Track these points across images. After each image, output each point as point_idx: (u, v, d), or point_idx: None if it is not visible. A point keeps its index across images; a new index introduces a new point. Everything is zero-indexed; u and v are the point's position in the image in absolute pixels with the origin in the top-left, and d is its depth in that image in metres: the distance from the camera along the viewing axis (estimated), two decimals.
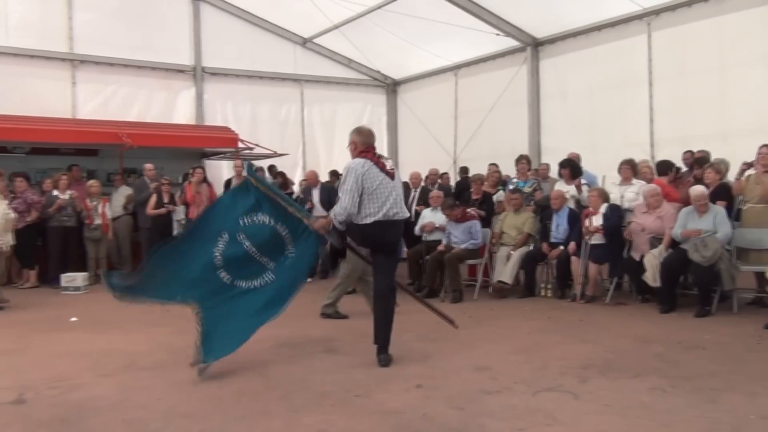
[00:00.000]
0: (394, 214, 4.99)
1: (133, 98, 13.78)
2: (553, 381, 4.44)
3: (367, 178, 4.91)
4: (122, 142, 10.75)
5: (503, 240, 8.48)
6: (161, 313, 7.17)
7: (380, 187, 4.93)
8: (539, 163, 10.37)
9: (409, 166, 13.75)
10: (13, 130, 10.53)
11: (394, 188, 5.03)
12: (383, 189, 4.95)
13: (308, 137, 15.71)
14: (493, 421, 3.67)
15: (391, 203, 4.96)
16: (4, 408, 3.98)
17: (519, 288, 8.35)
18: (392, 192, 4.99)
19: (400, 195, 5.12)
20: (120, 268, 10.56)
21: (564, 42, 12.12)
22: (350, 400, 4.08)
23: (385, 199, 4.94)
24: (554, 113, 12.35)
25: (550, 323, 6.57)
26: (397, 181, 5.11)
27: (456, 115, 14.60)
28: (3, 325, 6.60)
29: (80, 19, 13.21)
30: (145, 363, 5.08)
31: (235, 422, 3.70)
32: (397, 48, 14.13)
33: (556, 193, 8.30)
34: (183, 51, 14.34)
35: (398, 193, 5.08)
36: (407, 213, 5.31)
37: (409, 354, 5.24)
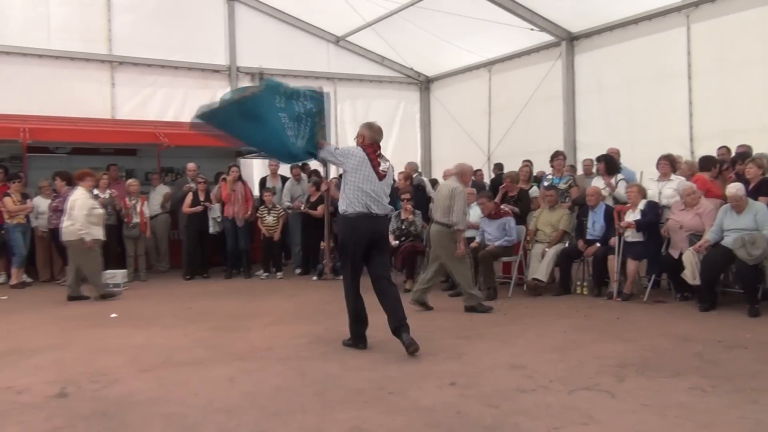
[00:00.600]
0: (370, 210, 5.25)
1: (170, 98, 14.03)
2: (589, 380, 4.38)
3: (359, 168, 5.20)
4: (159, 141, 10.94)
5: (538, 237, 8.41)
6: (197, 310, 7.35)
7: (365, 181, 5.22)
8: (583, 159, 10.20)
9: (443, 163, 13.75)
10: (55, 131, 10.82)
11: (380, 187, 5.29)
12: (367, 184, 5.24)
13: (341, 135, 15.76)
14: (528, 419, 3.64)
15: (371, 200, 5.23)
16: (48, 401, 4.09)
17: (554, 285, 8.26)
18: (375, 189, 5.24)
19: (381, 194, 5.29)
20: (158, 265, 10.78)
21: (600, 36, 11.93)
22: (384, 397, 4.09)
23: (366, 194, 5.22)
24: (590, 108, 12.17)
25: (586, 321, 6.49)
26: (384, 182, 5.34)
27: (490, 111, 14.49)
28: (46, 321, 6.78)
29: (119, 22, 13.50)
30: (182, 358, 5.16)
31: (270, 418, 3.74)
32: (430, 45, 14.09)
33: (592, 189, 8.18)
34: (218, 51, 14.56)
35: (380, 192, 5.29)
36: (387, 210, 5.45)
37: (443, 351, 5.24)
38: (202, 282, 9.85)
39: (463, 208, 6.94)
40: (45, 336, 6.06)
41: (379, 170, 5.27)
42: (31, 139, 10.03)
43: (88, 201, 8.27)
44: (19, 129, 10.05)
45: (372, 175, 5.22)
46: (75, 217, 8.06)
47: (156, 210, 10.66)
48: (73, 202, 8.14)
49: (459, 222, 6.86)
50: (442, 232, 7.02)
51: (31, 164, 10.67)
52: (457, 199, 6.85)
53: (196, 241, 10.20)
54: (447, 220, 6.91)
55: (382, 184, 5.30)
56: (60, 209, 9.35)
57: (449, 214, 6.89)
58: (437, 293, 8.38)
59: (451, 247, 6.97)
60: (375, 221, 5.30)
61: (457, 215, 6.84)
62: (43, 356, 5.28)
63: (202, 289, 9.03)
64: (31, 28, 12.72)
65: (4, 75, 12.43)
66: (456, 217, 6.84)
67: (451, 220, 6.87)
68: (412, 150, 16.38)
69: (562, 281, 8.17)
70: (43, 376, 4.64)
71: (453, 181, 7.14)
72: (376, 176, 5.24)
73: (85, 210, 8.12)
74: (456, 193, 6.88)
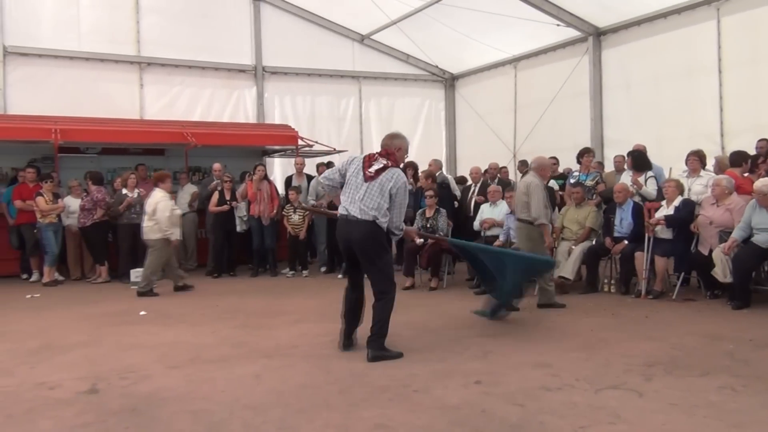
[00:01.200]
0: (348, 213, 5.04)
1: (197, 98, 14.19)
2: (616, 378, 4.34)
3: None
4: (187, 141, 11.07)
5: (564, 235, 8.33)
6: (224, 308, 7.42)
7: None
8: (614, 156, 10.07)
9: (468, 161, 13.71)
10: (86, 132, 11.00)
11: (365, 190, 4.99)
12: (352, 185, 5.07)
13: (366, 134, 15.79)
14: (554, 418, 3.62)
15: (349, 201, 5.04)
16: (80, 397, 4.17)
17: (581, 283, 8.18)
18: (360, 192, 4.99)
19: (357, 197, 5.00)
20: (186, 263, 10.92)
21: (627, 31, 11.76)
22: (409, 395, 4.09)
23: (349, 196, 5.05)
24: (618, 104, 12.02)
25: (613, 320, 6.42)
26: (371, 185, 4.99)
27: (515, 108, 14.39)
28: (78, 319, 6.91)
29: (147, 23, 13.69)
30: (209, 356, 5.22)
31: (295, 415, 3.77)
32: (455, 42, 14.03)
33: (620, 186, 8.08)
34: (244, 51, 14.67)
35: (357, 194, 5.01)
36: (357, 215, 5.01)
37: (468, 350, 5.23)
38: (228, 280, 9.95)
39: (542, 202, 6.78)
40: (76, 333, 6.18)
41: (366, 171, 5.02)
42: (62, 139, 10.22)
43: (168, 202, 8.62)
44: (51, 130, 10.24)
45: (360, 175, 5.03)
46: (158, 219, 8.42)
47: (184, 209, 10.78)
48: (155, 204, 8.49)
49: (540, 216, 6.75)
50: (524, 228, 6.95)
51: (62, 164, 10.89)
52: (533, 194, 6.76)
53: (223, 240, 10.31)
54: (527, 216, 6.84)
55: (368, 186, 4.99)
56: (88, 208, 9.55)
57: (528, 209, 6.81)
58: (463, 291, 8.37)
59: (536, 242, 6.86)
60: (349, 225, 5.02)
61: (536, 209, 6.74)
62: (74, 353, 5.38)
63: (229, 287, 9.12)
64: (62, 30, 12.96)
65: (37, 77, 12.71)
66: (535, 211, 6.74)
67: (531, 216, 6.79)
68: (437, 148, 16.36)
69: (589, 279, 8.09)
70: (74, 373, 4.74)
71: (530, 176, 7.02)
72: (361, 177, 5.01)
73: (167, 211, 8.47)
74: (532, 188, 6.79)
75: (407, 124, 16.12)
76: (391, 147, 5.19)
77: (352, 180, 5.05)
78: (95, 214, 9.57)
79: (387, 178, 4.99)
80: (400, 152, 5.24)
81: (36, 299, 8.33)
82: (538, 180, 6.93)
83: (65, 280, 9.79)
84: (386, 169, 5.03)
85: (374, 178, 4.99)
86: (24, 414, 3.86)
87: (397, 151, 5.20)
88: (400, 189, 5.00)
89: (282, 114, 14.88)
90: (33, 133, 10.46)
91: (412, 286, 8.65)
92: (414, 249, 8.67)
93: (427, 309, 7.18)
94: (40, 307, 7.68)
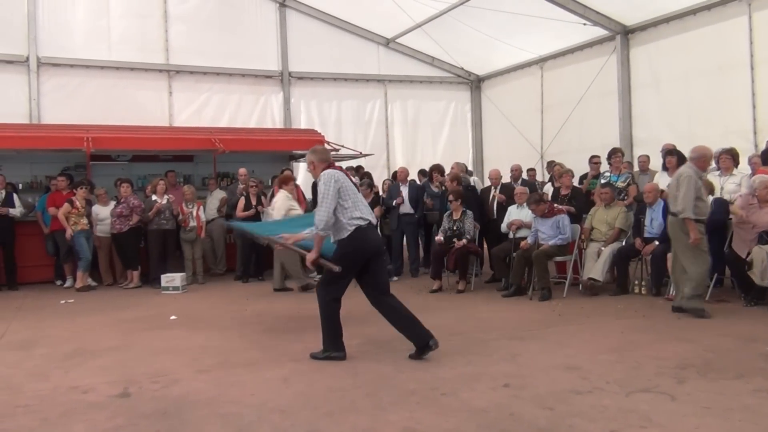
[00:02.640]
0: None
1: (224, 105, 14.37)
2: (647, 381, 4.27)
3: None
4: (215, 147, 11.18)
5: (593, 236, 8.24)
6: (252, 312, 7.48)
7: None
8: (639, 156, 9.94)
9: (494, 162, 13.66)
10: (117, 139, 11.18)
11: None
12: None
13: (392, 137, 15.82)
14: (584, 421, 3.58)
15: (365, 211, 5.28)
16: (112, 401, 4.24)
17: (611, 285, 8.08)
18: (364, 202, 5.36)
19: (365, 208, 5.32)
20: (215, 268, 11.03)
21: (656, 29, 11.60)
22: (436, 399, 4.08)
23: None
24: (647, 103, 11.85)
25: (644, 321, 6.32)
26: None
27: (542, 108, 14.30)
28: (110, 323, 7.02)
29: (175, 31, 13.92)
30: (238, 360, 5.27)
31: (323, 418, 3.78)
32: (481, 43, 13.99)
33: (650, 186, 7.97)
34: (270, 57, 14.82)
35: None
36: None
37: (496, 352, 5.20)
38: (257, 284, 10.02)
39: (690, 194, 6.29)
40: (108, 337, 6.28)
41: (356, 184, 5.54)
42: (94, 147, 10.38)
43: (286, 203, 8.88)
44: (83, 138, 10.42)
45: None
46: (273, 217, 8.74)
47: (212, 214, 10.90)
48: (274, 203, 8.98)
49: (685, 209, 6.27)
50: (673, 222, 6.58)
51: (94, 172, 11.09)
52: (683, 185, 6.30)
53: (251, 245, 10.38)
54: (677, 209, 6.43)
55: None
56: (125, 215, 9.69)
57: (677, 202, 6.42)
58: (490, 294, 8.32)
59: (683, 238, 6.43)
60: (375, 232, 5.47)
61: (682, 202, 6.28)
62: (106, 357, 5.48)
63: (257, 291, 9.19)
64: (93, 40, 13.24)
65: (69, 87, 13.01)
66: (681, 203, 6.30)
67: (677, 208, 6.42)
68: (463, 150, 16.33)
69: (619, 281, 7.98)
70: (106, 376, 4.82)
71: (686, 167, 6.60)
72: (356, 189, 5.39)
73: (283, 210, 8.74)
74: (683, 179, 6.33)
75: (433, 127, 16.16)
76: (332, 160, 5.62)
77: (352, 193, 5.21)
78: (132, 220, 9.73)
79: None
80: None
81: (70, 304, 8.49)
82: (693, 171, 6.44)
83: (98, 285, 9.96)
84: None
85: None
86: (59, 417, 3.93)
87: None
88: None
89: (308, 119, 14.98)
90: (65, 141, 10.66)
91: (439, 289, 8.62)
92: (441, 252, 8.65)
93: (455, 312, 7.16)
94: (74, 313, 7.83)
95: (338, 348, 5.17)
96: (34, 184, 11.73)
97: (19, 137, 10.78)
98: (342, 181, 5.15)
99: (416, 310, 7.22)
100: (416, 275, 10.11)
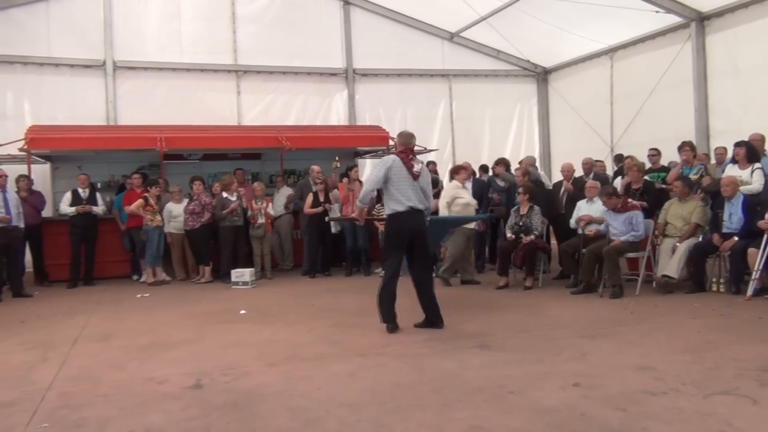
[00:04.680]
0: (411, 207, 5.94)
1: (290, 103, 14.59)
2: (726, 383, 4.08)
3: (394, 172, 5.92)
4: (282, 145, 11.38)
5: (668, 231, 7.94)
6: (319, 307, 7.57)
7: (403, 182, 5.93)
8: (715, 147, 9.50)
9: (563, 156, 13.34)
10: (188, 139, 11.56)
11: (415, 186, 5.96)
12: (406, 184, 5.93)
13: (458, 132, 15.70)
14: (659, 424, 3.45)
15: (410, 197, 5.91)
16: (185, 392, 4.38)
17: (686, 283, 7.76)
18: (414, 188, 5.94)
19: (419, 192, 5.98)
20: (283, 263, 11.23)
21: (734, 14, 11.06)
22: (504, 397, 4.02)
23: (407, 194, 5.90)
24: (725, 92, 11.32)
25: (722, 321, 6.05)
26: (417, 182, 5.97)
27: (612, 100, 13.89)
28: (184, 317, 7.25)
29: (243, 33, 14.23)
30: (306, 354, 5.34)
31: (389, 414, 3.78)
32: (547, 35, 13.70)
33: (728, 179, 7.60)
34: (335, 55, 14.95)
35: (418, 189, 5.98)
36: (422, 206, 6.03)
37: (565, 351, 5.08)
38: (323, 280, 10.15)
39: None
40: (182, 330, 6.49)
41: (413, 171, 5.92)
42: (167, 147, 10.76)
43: (451, 192, 8.99)
44: (157, 138, 10.81)
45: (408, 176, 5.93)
46: (438, 205, 8.88)
47: (280, 211, 11.10)
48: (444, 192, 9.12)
49: None
50: None
51: (167, 170, 11.48)
52: None
53: (318, 241, 10.52)
54: None
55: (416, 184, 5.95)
56: (197, 212, 10.00)
57: None
58: (559, 291, 8.15)
59: None
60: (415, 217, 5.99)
61: None
62: (180, 349, 5.65)
63: (323, 287, 9.30)
64: (165, 44, 13.69)
65: (143, 89, 13.49)
66: None
67: None
68: (530, 144, 16.05)
69: (695, 278, 7.66)
70: (180, 368, 4.97)
71: None
72: (411, 177, 5.92)
73: (447, 198, 8.89)
74: None
75: (499, 121, 15.94)
76: (413, 145, 6.20)
77: (398, 181, 5.90)
78: (204, 217, 10.02)
79: (426, 173, 6.12)
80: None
81: (145, 299, 8.82)
82: None
83: (171, 280, 10.30)
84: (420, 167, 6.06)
85: (419, 177, 5.97)
86: (135, 407, 4.08)
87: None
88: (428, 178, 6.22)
89: (373, 115, 15.03)
90: (140, 141, 11.08)
91: (506, 286, 8.51)
92: (508, 248, 8.53)
93: (522, 309, 7.04)
94: (149, 306, 8.12)
95: (387, 320, 5.95)
96: (111, 182, 12.28)
97: (97, 138, 11.30)
98: (394, 168, 5.88)
99: (482, 307, 7.23)
100: (481, 271, 10.01)
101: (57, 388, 4.55)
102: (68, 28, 13.05)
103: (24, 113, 12.59)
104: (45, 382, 4.67)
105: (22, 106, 12.73)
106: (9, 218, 8.84)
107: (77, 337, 6.30)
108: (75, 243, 9.97)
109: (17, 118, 12.33)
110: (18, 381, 4.78)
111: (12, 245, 8.99)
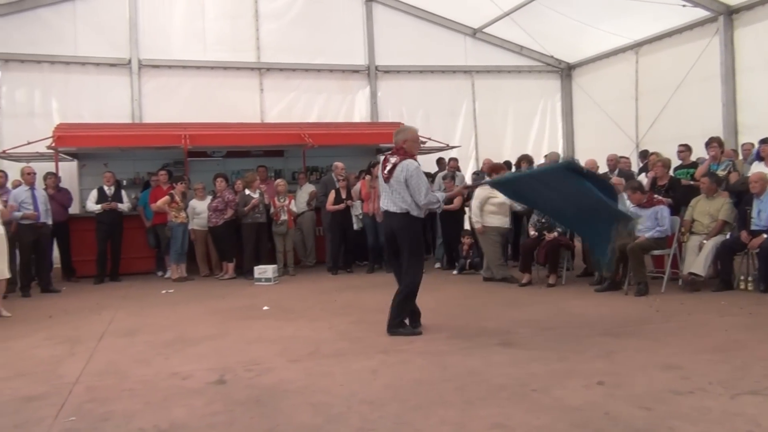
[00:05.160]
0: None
1: (313, 100, 14.61)
2: (755, 383, 4.01)
3: None
4: (304, 142, 11.42)
5: (694, 228, 7.82)
6: (341, 304, 7.59)
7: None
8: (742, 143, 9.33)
9: (587, 152, 13.18)
10: (212, 136, 11.66)
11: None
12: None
13: (481, 128, 15.60)
14: (685, 424, 3.40)
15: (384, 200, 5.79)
16: (209, 387, 4.42)
17: (713, 281, 7.65)
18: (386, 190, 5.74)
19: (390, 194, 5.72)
20: (305, 260, 11.27)
21: (763, 7, 10.83)
22: (527, 395, 3.99)
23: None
24: (754, 87, 11.09)
25: (751, 319, 5.95)
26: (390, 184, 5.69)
27: (636, 96, 13.70)
28: (207, 313, 7.32)
29: (265, 30, 14.28)
30: (328, 350, 5.35)
31: (412, 411, 3.78)
32: (571, 30, 13.55)
33: (758, 175, 7.46)
34: (357, 52, 14.94)
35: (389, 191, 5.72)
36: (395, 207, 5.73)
37: (589, 349, 5.03)
38: (345, 276, 10.17)
39: None
40: (205, 326, 6.55)
41: (383, 173, 5.74)
42: (191, 144, 10.86)
43: (484, 192, 8.94)
44: (181, 135, 10.91)
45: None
46: (471, 206, 9.01)
47: (302, 207, 11.15)
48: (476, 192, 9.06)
49: None
50: None
51: (191, 168, 11.58)
52: None
53: (340, 238, 10.54)
54: None
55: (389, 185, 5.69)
56: (220, 209, 10.09)
57: None
58: (582, 288, 8.07)
59: None
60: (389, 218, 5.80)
61: None
62: (204, 345, 5.70)
63: (345, 283, 9.32)
64: (189, 42, 13.79)
65: (168, 87, 13.61)
66: None
67: None
68: (553, 140, 15.91)
69: (723, 276, 7.53)
70: (204, 364, 5.02)
71: None
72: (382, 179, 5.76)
73: (480, 198, 8.93)
74: None
75: (522, 117, 15.80)
76: (398, 143, 5.78)
77: (381, 183, 5.84)
78: (226, 214, 10.10)
79: (399, 171, 5.62)
80: (408, 143, 5.76)
81: (170, 294, 8.91)
82: None
83: (195, 277, 10.40)
84: (396, 166, 5.64)
85: (390, 178, 5.67)
86: (160, 401, 4.13)
87: (404, 143, 5.75)
88: (411, 174, 5.58)
89: (396, 112, 14.99)
90: (165, 139, 11.20)
91: (529, 283, 8.46)
92: (531, 245, 8.47)
93: (546, 306, 6.99)
94: (173, 302, 8.22)
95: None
96: (136, 179, 12.42)
97: (122, 136, 11.44)
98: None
99: (506, 304, 7.19)
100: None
101: (84, 382, 4.62)
102: (94, 27, 13.21)
103: (52, 111, 12.78)
104: (72, 377, 4.75)
105: (49, 104, 12.92)
106: (37, 215, 9.00)
107: (104, 332, 6.39)
108: (101, 239, 10.12)
109: (45, 116, 12.51)
110: (46, 375, 4.86)
111: (40, 241, 9.15)
